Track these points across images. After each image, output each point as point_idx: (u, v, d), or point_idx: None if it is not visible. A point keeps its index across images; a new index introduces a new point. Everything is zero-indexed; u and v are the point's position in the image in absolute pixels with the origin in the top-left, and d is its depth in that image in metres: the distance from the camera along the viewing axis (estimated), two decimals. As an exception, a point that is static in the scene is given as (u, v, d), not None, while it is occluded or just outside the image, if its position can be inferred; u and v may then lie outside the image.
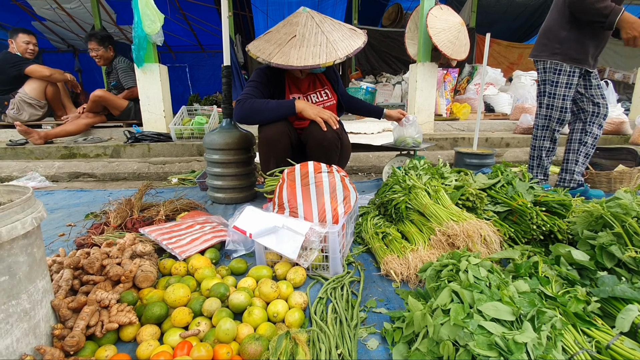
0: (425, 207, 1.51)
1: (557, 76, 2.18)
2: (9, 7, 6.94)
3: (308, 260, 1.30)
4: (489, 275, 0.96)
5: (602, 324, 0.93)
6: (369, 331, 1.04)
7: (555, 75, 2.18)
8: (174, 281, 1.21)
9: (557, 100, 2.20)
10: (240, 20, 8.24)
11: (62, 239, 1.76)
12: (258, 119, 1.88)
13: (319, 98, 2.13)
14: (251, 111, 1.85)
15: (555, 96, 2.20)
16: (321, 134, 1.82)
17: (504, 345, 0.73)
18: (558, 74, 2.17)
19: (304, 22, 1.91)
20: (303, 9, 1.98)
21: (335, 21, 2.01)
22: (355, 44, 1.89)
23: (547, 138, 2.32)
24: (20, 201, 0.79)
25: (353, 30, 2.01)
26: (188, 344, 0.92)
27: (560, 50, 2.15)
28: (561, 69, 2.16)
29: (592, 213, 1.27)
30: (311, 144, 1.89)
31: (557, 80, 2.18)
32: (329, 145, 1.86)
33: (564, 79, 2.17)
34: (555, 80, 2.18)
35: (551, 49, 2.19)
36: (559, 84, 2.18)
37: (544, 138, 2.32)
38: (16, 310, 0.79)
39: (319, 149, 1.87)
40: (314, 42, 1.84)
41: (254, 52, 1.88)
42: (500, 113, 5.53)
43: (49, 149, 3.67)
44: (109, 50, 4.03)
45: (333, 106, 2.18)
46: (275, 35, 1.92)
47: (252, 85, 1.96)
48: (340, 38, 1.90)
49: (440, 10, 4.01)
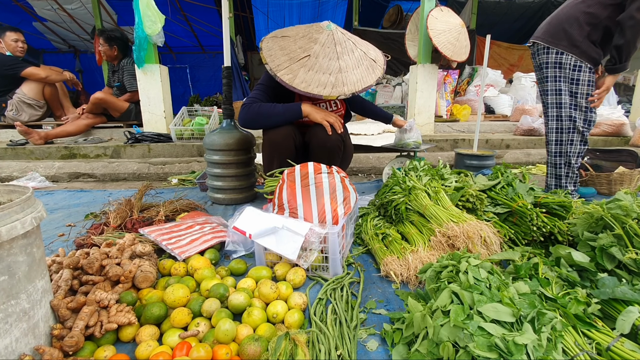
0: (425, 208, 1.51)
1: (578, 73, 1.95)
2: (10, 7, 6.96)
3: (308, 261, 1.30)
4: (489, 276, 0.96)
5: (603, 326, 0.93)
6: (369, 332, 1.04)
7: (576, 73, 1.95)
8: (173, 282, 1.21)
9: (581, 99, 1.98)
10: (241, 21, 8.26)
11: (61, 239, 1.75)
12: (264, 123, 1.87)
13: (329, 107, 2.12)
14: (257, 115, 1.82)
15: (579, 95, 1.99)
16: (325, 136, 1.82)
17: (504, 347, 0.73)
18: (579, 71, 1.95)
19: (323, 41, 1.78)
20: (328, 24, 1.83)
21: (358, 44, 1.89)
22: (368, 80, 1.79)
23: (576, 142, 2.04)
24: (19, 201, 0.79)
25: (372, 62, 1.89)
26: (187, 345, 0.92)
27: (583, 45, 1.92)
28: (582, 64, 1.94)
29: (592, 214, 1.27)
30: (314, 146, 1.90)
31: (579, 77, 1.96)
32: (332, 148, 1.87)
33: (585, 77, 1.95)
34: (577, 78, 1.96)
35: (572, 41, 1.94)
36: (581, 81, 1.96)
37: (571, 142, 2.04)
38: (15, 310, 0.79)
39: (322, 151, 1.88)
40: (325, 69, 1.73)
41: (265, 54, 1.77)
42: (500, 114, 5.54)
43: (49, 150, 3.67)
44: (113, 50, 4.05)
45: (341, 115, 2.18)
46: (291, 45, 1.80)
47: (260, 89, 1.93)
48: (353, 67, 1.78)
49: (441, 12, 4.01)
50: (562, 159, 2.10)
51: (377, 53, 1.99)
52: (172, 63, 9.40)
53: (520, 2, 7.63)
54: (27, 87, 3.93)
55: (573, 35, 1.93)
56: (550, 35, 2.01)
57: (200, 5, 7.37)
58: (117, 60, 4.15)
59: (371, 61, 1.90)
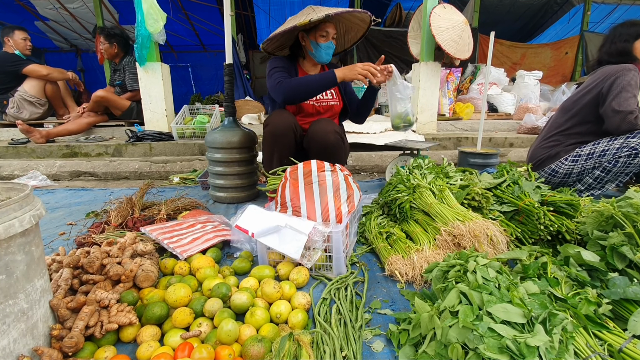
0: (430, 206, 1.48)
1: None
2: (13, 7, 6.98)
3: (311, 260, 1.28)
4: (497, 276, 0.94)
5: (614, 327, 0.90)
6: (374, 333, 1.02)
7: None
8: (175, 281, 1.19)
9: None
10: (243, 19, 8.23)
11: (62, 238, 1.74)
12: (304, 92, 1.87)
13: (323, 95, 2.11)
14: (297, 87, 1.84)
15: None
16: (323, 135, 1.82)
17: (515, 349, 0.71)
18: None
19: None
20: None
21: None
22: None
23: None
24: (18, 198, 0.77)
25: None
26: (189, 345, 0.90)
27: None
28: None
29: (602, 213, 1.25)
30: (314, 146, 1.89)
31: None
32: (333, 145, 1.85)
33: None
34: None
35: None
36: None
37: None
38: (13, 310, 0.77)
39: (322, 151, 1.87)
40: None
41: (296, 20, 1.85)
42: (503, 113, 5.50)
43: (51, 148, 3.66)
44: (113, 47, 4.04)
45: (336, 107, 2.16)
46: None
47: (278, 70, 1.96)
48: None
49: (444, 9, 3.98)
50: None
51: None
52: (173, 62, 9.38)
53: (523, 1, 7.58)
54: (29, 85, 3.92)
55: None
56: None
57: (202, 4, 7.36)
58: (118, 59, 4.14)
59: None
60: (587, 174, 2.05)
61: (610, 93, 1.92)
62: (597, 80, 2.03)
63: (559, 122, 2.19)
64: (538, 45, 8.24)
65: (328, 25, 1.93)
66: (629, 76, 1.91)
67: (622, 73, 1.93)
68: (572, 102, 2.16)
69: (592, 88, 2.05)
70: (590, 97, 2.05)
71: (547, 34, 8.63)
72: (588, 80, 2.13)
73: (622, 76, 1.92)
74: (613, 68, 1.99)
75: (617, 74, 1.94)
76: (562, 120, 2.18)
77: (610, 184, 2.03)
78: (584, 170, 2.05)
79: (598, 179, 2.02)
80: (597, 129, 2.06)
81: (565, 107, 2.19)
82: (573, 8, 7.77)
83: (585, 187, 2.07)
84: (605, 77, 1.99)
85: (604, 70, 2.04)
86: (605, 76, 1.99)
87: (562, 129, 2.16)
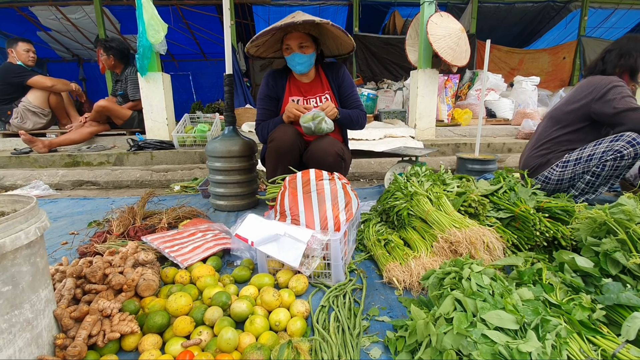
0: (428, 213, 1.50)
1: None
2: (15, 18, 7.08)
3: (310, 268, 1.30)
4: (492, 283, 0.96)
5: (608, 332, 0.91)
6: (372, 340, 1.03)
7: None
8: (175, 290, 1.20)
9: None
10: (242, 28, 8.33)
11: (65, 247, 1.76)
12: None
13: (317, 103, 2.13)
14: (266, 134, 2.07)
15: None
16: (323, 157, 1.86)
17: (508, 355, 0.72)
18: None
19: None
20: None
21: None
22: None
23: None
24: (24, 211, 0.80)
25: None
26: (190, 354, 0.91)
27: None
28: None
29: (595, 219, 1.26)
30: (312, 165, 1.88)
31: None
32: (330, 166, 1.85)
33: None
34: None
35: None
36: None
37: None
38: (19, 320, 0.79)
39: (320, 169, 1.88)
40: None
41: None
42: (501, 118, 5.54)
43: (53, 158, 3.70)
44: (110, 59, 4.10)
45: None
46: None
47: (260, 106, 2.16)
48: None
49: (441, 17, 4.04)
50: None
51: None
52: (174, 70, 9.48)
53: (520, 7, 7.66)
54: (33, 96, 3.98)
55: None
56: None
57: (202, 14, 7.46)
58: (118, 69, 4.20)
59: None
60: (578, 179, 2.07)
61: (612, 100, 1.95)
62: (585, 92, 2.07)
63: (548, 131, 2.22)
64: (536, 51, 8.32)
65: (289, 37, 1.97)
66: (624, 87, 1.97)
67: (615, 84, 1.98)
68: (561, 112, 2.19)
69: (580, 98, 2.09)
70: (578, 106, 2.08)
71: (545, 39, 8.71)
72: (575, 91, 2.17)
73: (616, 87, 1.97)
74: (602, 80, 2.02)
75: (609, 85, 1.98)
76: (551, 129, 2.21)
77: (603, 187, 2.05)
78: (574, 175, 2.07)
79: (589, 184, 2.04)
80: (586, 136, 2.09)
81: (554, 117, 2.22)
82: (570, 13, 7.85)
83: (579, 192, 2.09)
84: (594, 88, 2.03)
85: (591, 81, 2.08)
86: (594, 87, 2.03)
87: (552, 137, 2.20)
